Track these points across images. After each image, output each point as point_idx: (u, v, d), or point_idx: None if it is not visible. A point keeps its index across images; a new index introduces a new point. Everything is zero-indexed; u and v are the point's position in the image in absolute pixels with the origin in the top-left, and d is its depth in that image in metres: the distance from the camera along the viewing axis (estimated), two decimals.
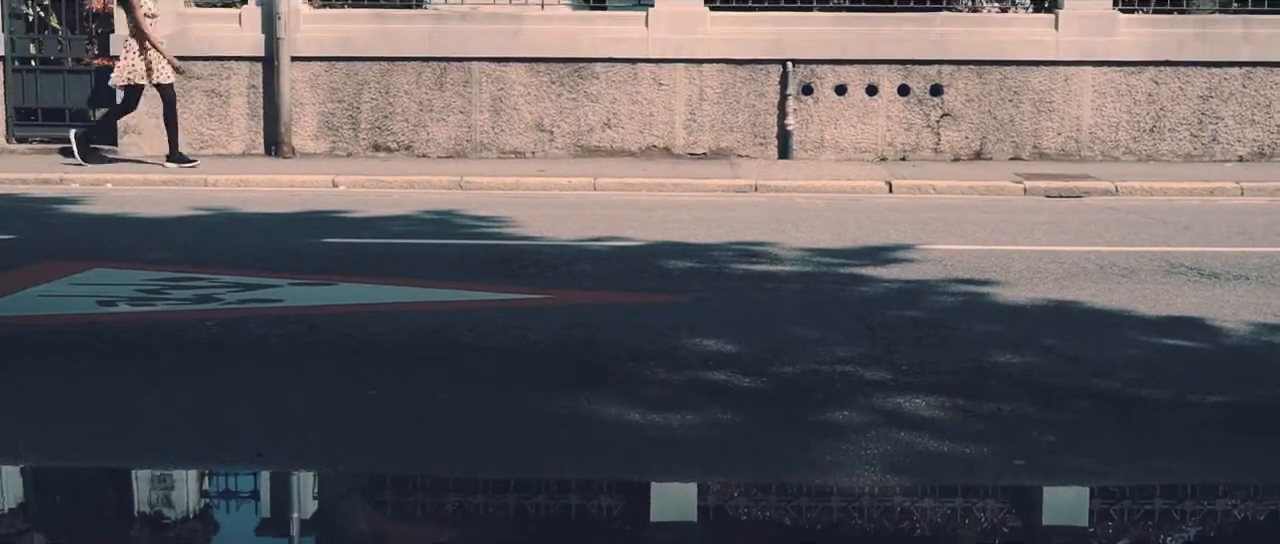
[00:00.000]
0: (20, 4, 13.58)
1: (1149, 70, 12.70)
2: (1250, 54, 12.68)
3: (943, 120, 12.81)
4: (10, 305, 6.45)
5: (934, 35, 12.75)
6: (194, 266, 7.40)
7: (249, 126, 12.99)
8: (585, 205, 10.36)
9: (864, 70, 12.76)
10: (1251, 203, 10.90)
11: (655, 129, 12.82)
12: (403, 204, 10.29)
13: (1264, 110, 12.75)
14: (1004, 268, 7.40)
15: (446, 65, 12.87)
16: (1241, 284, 6.95)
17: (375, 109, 12.93)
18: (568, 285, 6.97)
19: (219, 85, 12.94)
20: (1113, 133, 12.78)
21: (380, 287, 7.04)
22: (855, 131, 12.83)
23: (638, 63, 12.78)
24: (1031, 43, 12.71)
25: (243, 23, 12.90)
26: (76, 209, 10.06)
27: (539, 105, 12.87)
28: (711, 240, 8.43)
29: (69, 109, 13.61)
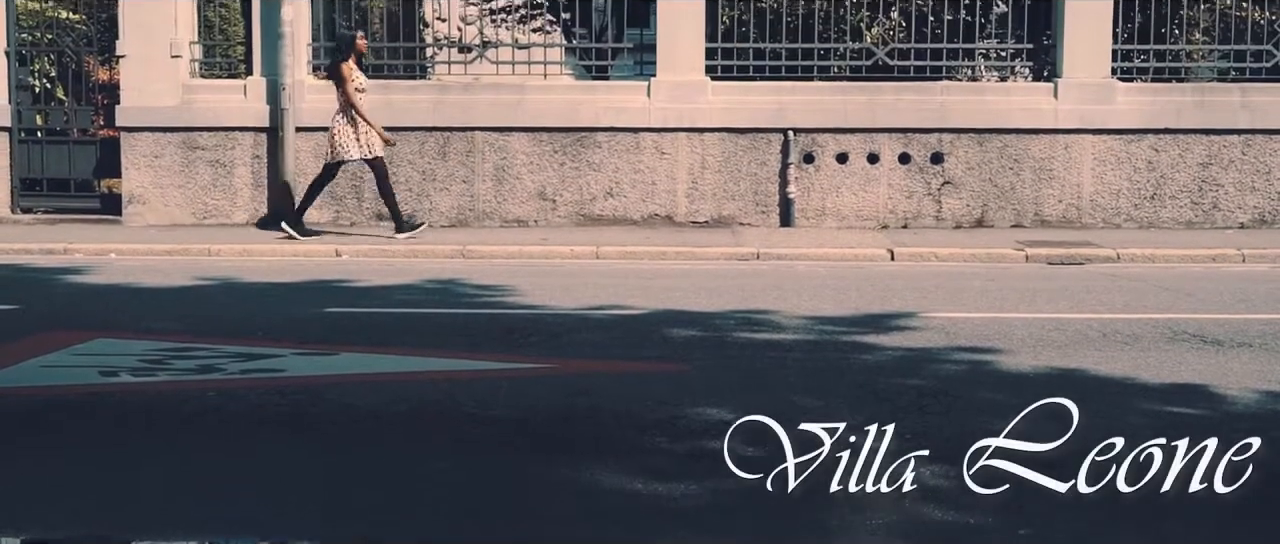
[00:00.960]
0: (27, 75, 13.70)
1: (1148, 138, 12.77)
2: (1248, 122, 12.75)
3: (944, 188, 12.86)
4: (12, 376, 6.45)
5: (934, 104, 12.83)
6: (197, 336, 7.40)
7: (253, 196, 13.04)
8: (588, 274, 10.38)
9: (865, 139, 12.83)
10: (1253, 269, 10.91)
11: (657, 197, 12.87)
12: (405, 273, 10.30)
13: (1264, 177, 12.80)
14: (1007, 335, 7.40)
15: (449, 135, 12.95)
16: (1245, 351, 6.95)
17: None
18: (571, 354, 6.96)
19: (223, 156, 13.01)
20: (1113, 200, 12.82)
21: (383, 356, 7.03)
22: (857, 199, 12.88)
23: (640, 132, 12.86)
24: (1031, 111, 12.78)
25: (248, 94, 13.00)
26: (80, 279, 10.08)
27: (541, 174, 12.93)
28: (714, 308, 8.43)
29: (74, 179, 13.68)
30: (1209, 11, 13.06)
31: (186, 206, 13.04)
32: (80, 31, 14.02)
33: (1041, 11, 13.08)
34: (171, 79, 12.98)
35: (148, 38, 12.92)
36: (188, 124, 12.98)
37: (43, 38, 13.88)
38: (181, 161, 13.02)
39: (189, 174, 13.01)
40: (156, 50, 12.93)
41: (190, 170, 13.00)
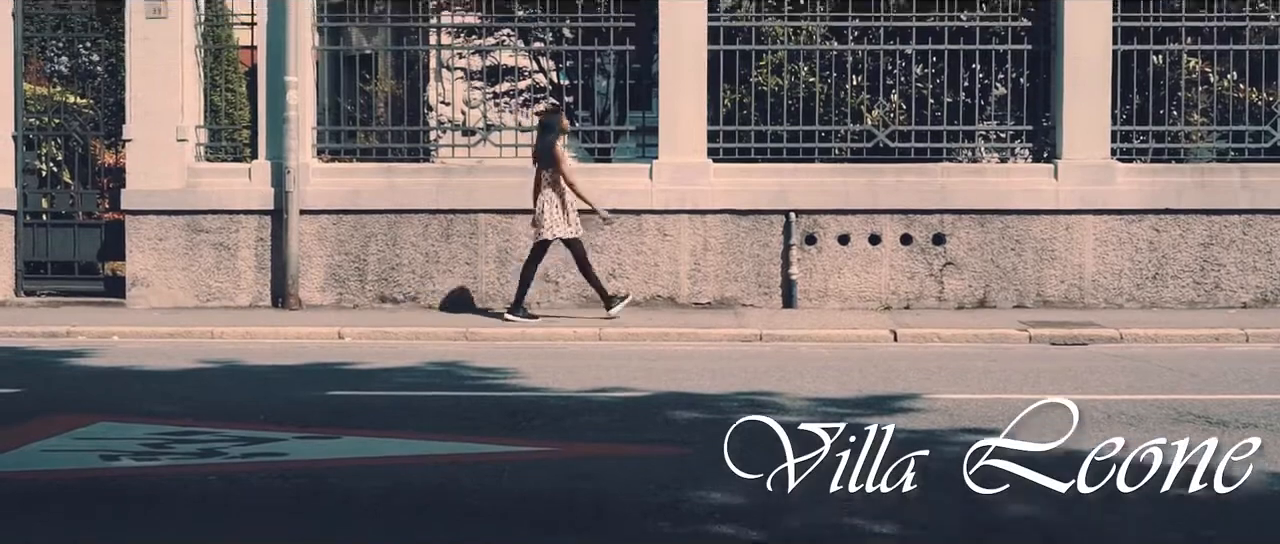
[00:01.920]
0: (34, 159, 13.79)
1: (1149, 218, 12.81)
2: (1249, 202, 12.80)
3: (946, 269, 12.89)
4: (13, 460, 6.43)
5: (935, 185, 12.89)
6: (198, 420, 7.39)
7: (256, 279, 13.08)
8: (591, 356, 10.37)
9: (867, 220, 12.88)
10: (1257, 349, 10.90)
11: (660, 279, 12.89)
12: (408, 356, 10.30)
13: (1265, 257, 12.83)
14: (1011, 417, 7.34)
15: (453, 217, 13.01)
16: (1250, 432, 6.91)
17: (382, 261, 13.03)
18: (573, 437, 6.94)
19: (227, 238, 13.06)
20: (1115, 280, 12.84)
21: (385, 439, 7.01)
22: (859, 280, 12.90)
23: (642, 214, 12.91)
24: (1032, 192, 12.84)
25: (253, 177, 13.08)
26: (82, 362, 10.08)
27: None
28: (717, 391, 8.41)
29: (78, 262, 13.72)
30: (1207, 93, 13.17)
31: (190, 289, 13.07)
32: (87, 116, 14.13)
33: (1040, 93, 13.19)
34: (177, 162, 13.07)
35: (154, 122, 13.03)
36: (192, 207, 13.05)
37: (50, 122, 14.00)
38: (185, 244, 13.07)
39: (193, 257, 13.05)
40: (162, 134, 13.04)
41: (194, 253, 13.05)
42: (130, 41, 13.12)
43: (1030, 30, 13.13)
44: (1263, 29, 13.13)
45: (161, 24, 13.05)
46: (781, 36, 13.15)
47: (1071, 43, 12.85)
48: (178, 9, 13.09)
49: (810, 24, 13.13)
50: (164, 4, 13.03)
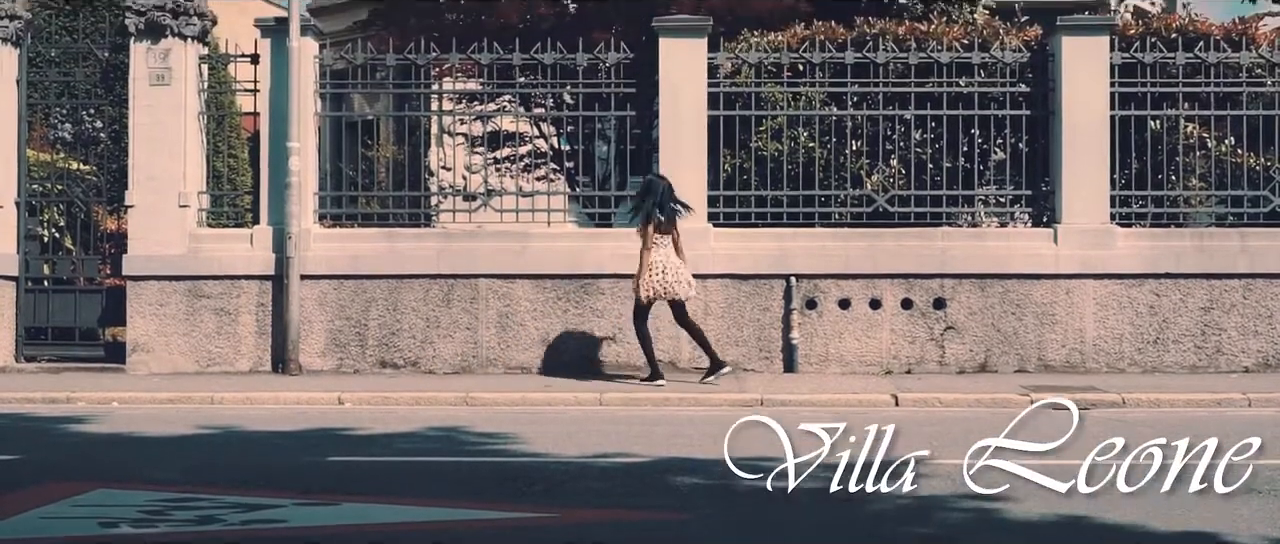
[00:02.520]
0: (36, 225, 13.83)
1: (1149, 282, 12.83)
2: (1248, 266, 12.82)
3: (946, 333, 12.88)
4: (11, 528, 6.39)
5: (935, 250, 12.92)
6: (198, 487, 7.36)
7: (257, 344, 13.07)
8: (591, 421, 10.34)
9: (867, 284, 12.90)
10: (1259, 413, 10.86)
11: (661, 343, 12.85)
12: (409, 421, 10.27)
13: (1266, 321, 12.83)
14: (1015, 481, 7.33)
15: (454, 282, 13.03)
16: (1253, 498, 6.88)
17: (382, 326, 13.03)
18: (574, 503, 6.91)
19: (228, 304, 13.07)
20: (1116, 344, 12.83)
21: (386, 506, 6.98)
22: (860, 345, 12.89)
23: None
24: (1032, 256, 12.87)
25: (254, 243, 13.11)
26: (82, 428, 10.05)
27: (545, 321, 12.97)
28: (718, 455, 8.36)
29: (79, 328, 13.72)
30: (1205, 158, 13.23)
31: (190, 354, 13.06)
32: (90, 182, 14.20)
33: (1039, 158, 13.26)
34: (179, 228, 13.11)
35: (157, 188, 13.09)
36: (194, 272, 13.07)
37: (53, 188, 14.06)
38: (186, 310, 13.08)
39: (193, 322, 13.05)
40: (165, 200, 13.09)
41: (195, 318, 13.06)
42: (134, 108, 13.21)
43: (1028, 96, 13.21)
44: (1259, 95, 13.22)
45: (165, 90, 13.15)
46: (781, 102, 13.23)
47: (1070, 108, 12.93)
48: (181, 75, 13.19)
49: (810, 90, 13.22)
50: (168, 70, 13.14)
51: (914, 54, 13.14)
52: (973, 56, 13.15)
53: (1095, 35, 13.09)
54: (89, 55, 13.94)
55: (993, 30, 13.66)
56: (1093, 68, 12.96)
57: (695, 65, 13.09)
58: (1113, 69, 13.01)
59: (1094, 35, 13.09)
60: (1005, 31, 13.59)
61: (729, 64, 13.30)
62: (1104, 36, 13.08)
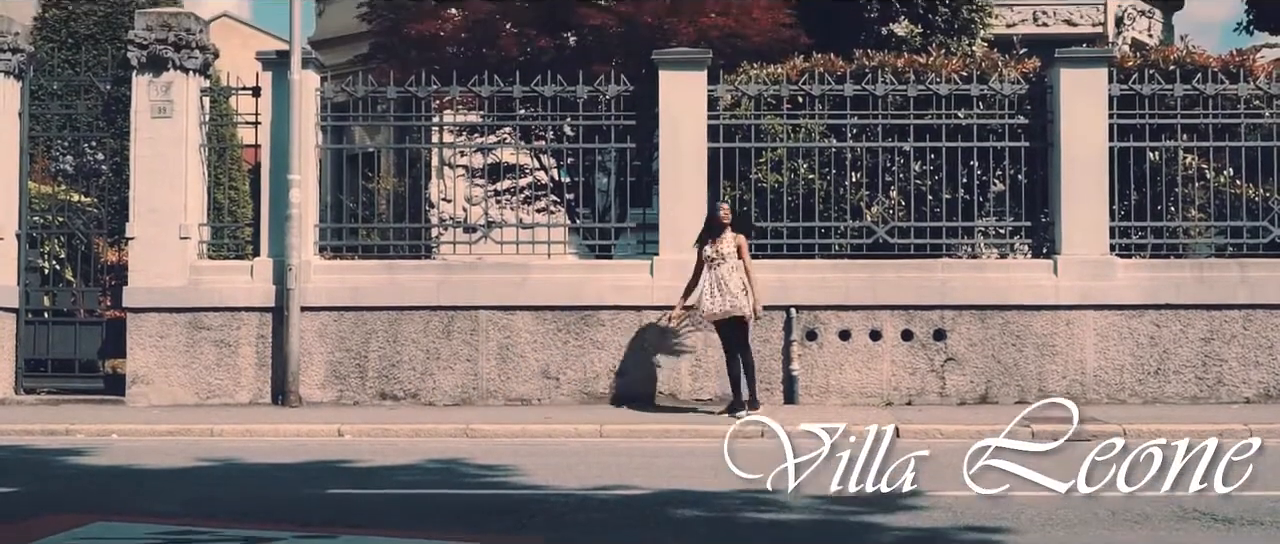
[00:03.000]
0: (37, 257, 13.85)
1: (1150, 313, 12.83)
2: (1248, 297, 12.82)
3: (947, 364, 12.87)
4: None
5: (935, 281, 12.93)
6: (197, 520, 7.34)
7: (257, 376, 13.06)
8: (592, 453, 10.32)
9: (867, 316, 12.89)
10: (1263, 445, 10.81)
11: (661, 375, 12.86)
12: (409, 453, 10.25)
13: (1267, 352, 12.82)
14: (1015, 515, 7.32)
15: (454, 314, 13.02)
16: (1257, 529, 6.87)
17: (382, 358, 13.02)
18: (575, 536, 6.88)
19: (228, 336, 13.07)
20: (1117, 375, 12.81)
21: (385, 539, 6.95)
22: (860, 376, 12.88)
23: (643, 310, 12.93)
24: (1032, 287, 12.87)
25: (254, 275, 13.12)
26: (81, 460, 10.03)
27: (545, 353, 12.96)
28: (720, 488, 8.36)
29: (79, 360, 13.71)
30: (1204, 189, 13.25)
31: (190, 386, 13.05)
32: (91, 214, 14.22)
33: (1038, 190, 13.28)
34: (180, 260, 13.12)
35: (158, 220, 13.11)
36: (194, 304, 13.07)
37: (54, 220, 14.08)
38: (186, 342, 13.08)
39: (193, 354, 13.05)
40: (166, 232, 13.11)
41: (195, 350, 13.05)
42: (136, 140, 13.25)
43: (1027, 128, 13.25)
44: (1257, 126, 13.26)
45: (167, 123, 13.19)
46: (781, 134, 13.27)
47: (1068, 140, 12.96)
48: (183, 108, 13.23)
49: (809, 122, 13.25)
50: (170, 103, 13.18)
51: (913, 86, 13.18)
52: (971, 89, 13.19)
53: (1093, 67, 13.14)
54: (91, 88, 13.99)
55: (991, 63, 13.70)
56: (1091, 99, 13.00)
57: (695, 98, 13.13)
58: (1111, 101, 13.05)
59: (1092, 67, 13.14)
60: (1004, 64, 13.63)
61: (729, 96, 13.35)
62: (1102, 68, 13.13)
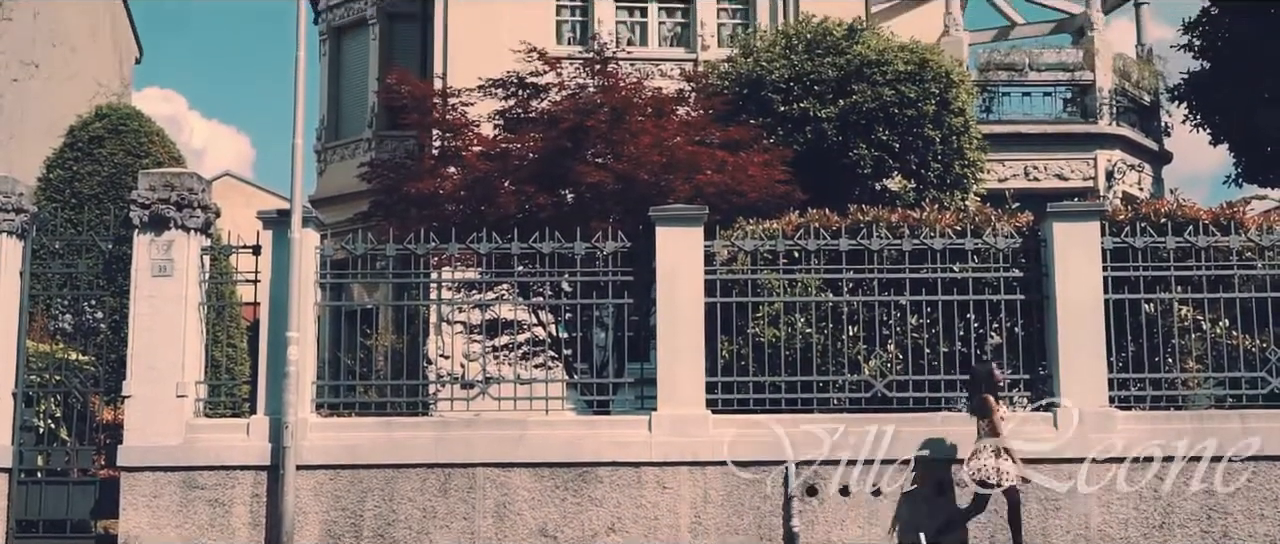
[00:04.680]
0: (32, 416, 13.78)
1: (1152, 466, 12.73)
2: (1251, 448, 12.74)
3: None
4: None
5: (935, 434, 12.85)
6: None
7: (250, 536, 12.88)
8: None
9: (868, 471, 12.79)
10: None
11: (660, 533, 12.71)
12: None
13: (1272, 505, 12.69)
14: None
15: (451, 471, 12.92)
16: None
17: (378, 517, 12.87)
18: None
19: (222, 495, 12.93)
20: (1122, 529, 12.67)
21: None
22: (862, 532, 12.72)
23: (641, 466, 12.83)
24: (1033, 440, 12.75)
25: (251, 433, 13.05)
26: None
27: (542, 510, 12.82)
28: None
29: (71, 520, 13.54)
30: (1201, 340, 13.28)
31: None
32: (88, 372, 14.20)
33: (1035, 342, 13.30)
34: (175, 418, 13.06)
35: (155, 378, 13.08)
36: (189, 463, 12.97)
37: (51, 379, 14.05)
38: (180, 501, 12.94)
39: (186, 513, 12.90)
40: (162, 390, 13.07)
41: (188, 509, 12.90)
42: (135, 298, 13.30)
43: (1022, 281, 13.33)
44: (1251, 277, 13.34)
45: (167, 281, 13.26)
46: (777, 288, 13.34)
47: (1063, 292, 13.04)
48: (183, 267, 13.31)
49: (805, 276, 13.34)
50: (170, 262, 13.27)
51: (908, 240, 13.30)
52: (966, 242, 13.31)
53: (1086, 221, 13.28)
54: (92, 247, 14.09)
55: (985, 217, 13.85)
56: (1085, 252, 13.11)
57: (692, 253, 13.23)
58: (1105, 253, 13.16)
59: (1085, 221, 13.28)
60: (997, 218, 13.78)
61: (725, 251, 13.45)
62: (1095, 222, 13.27)
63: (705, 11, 24.24)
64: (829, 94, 18.99)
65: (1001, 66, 25.81)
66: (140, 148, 18.85)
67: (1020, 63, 25.87)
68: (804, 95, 18.99)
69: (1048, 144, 25.63)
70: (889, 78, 19.06)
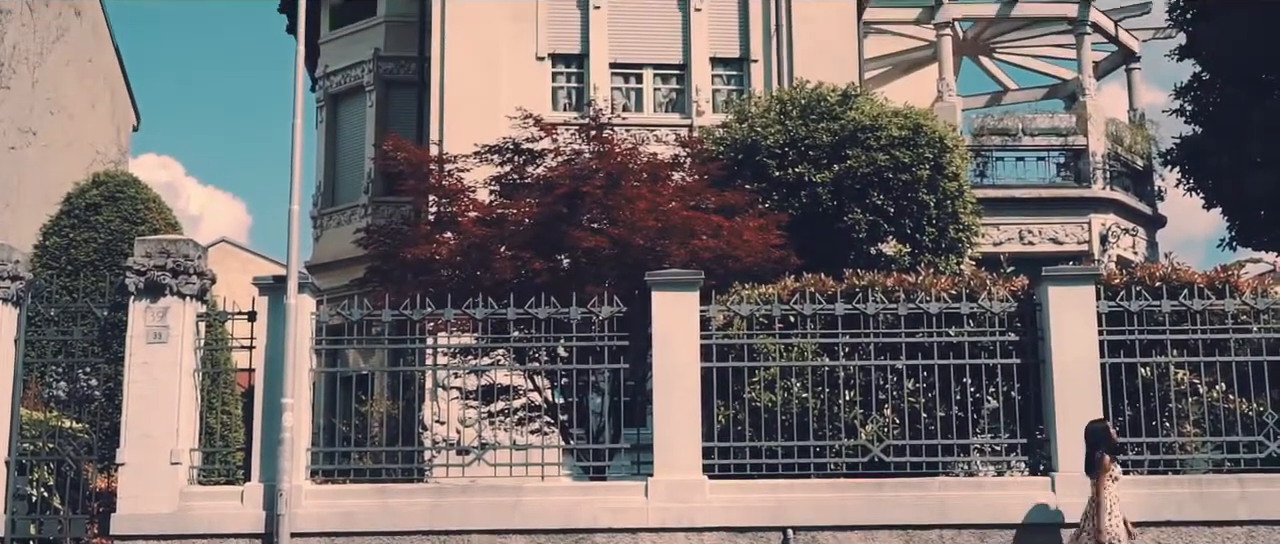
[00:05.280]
0: (25, 484, 13.69)
1: (1151, 530, 12.64)
2: (1249, 513, 12.68)
3: None
4: None
5: (933, 499, 12.80)
6: None
7: None
8: None
9: (866, 536, 12.72)
10: None
11: None
12: None
13: None
14: None
15: (447, 538, 12.82)
16: None
17: None
18: None
19: None
20: None
21: None
22: None
23: (638, 532, 12.75)
24: (1031, 505, 12.73)
25: (245, 500, 12.95)
26: None
27: None
28: None
29: None
30: (1198, 404, 13.26)
31: None
32: (81, 440, 14.14)
33: (1032, 406, 13.28)
34: (169, 486, 12.98)
35: (149, 445, 13.02)
36: (182, 531, 12.86)
37: (44, 447, 13.98)
38: None
39: None
40: (156, 457, 13.00)
41: None
42: (130, 365, 13.26)
43: (1018, 345, 13.33)
44: (1246, 341, 13.34)
45: (162, 348, 13.23)
46: (773, 353, 13.33)
47: (1059, 356, 13.04)
48: (179, 333, 13.29)
49: (802, 341, 13.33)
50: (166, 329, 13.26)
51: (903, 305, 13.31)
52: (962, 307, 13.32)
53: (1081, 285, 13.31)
54: (88, 314, 14.08)
55: (980, 281, 13.87)
56: (1080, 316, 13.12)
57: (687, 318, 13.23)
58: (1100, 317, 13.17)
59: (1080, 285, 13.31)
60: (992, 282, 13.80)
61: (721, 316, 13.46)
62: (1090, 286, 13.30)
63: (700, 78, 24.42)
64: (824, 159, 19.08)
65: (995, 131, 25.99)
66: (137, 215, 18.91)
67: (1013, 128, 26.05)
68: (799, 160, 19.09)
69: (1042, 208, 25.75)
70: (883, 143, 19.17)
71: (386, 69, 27.48)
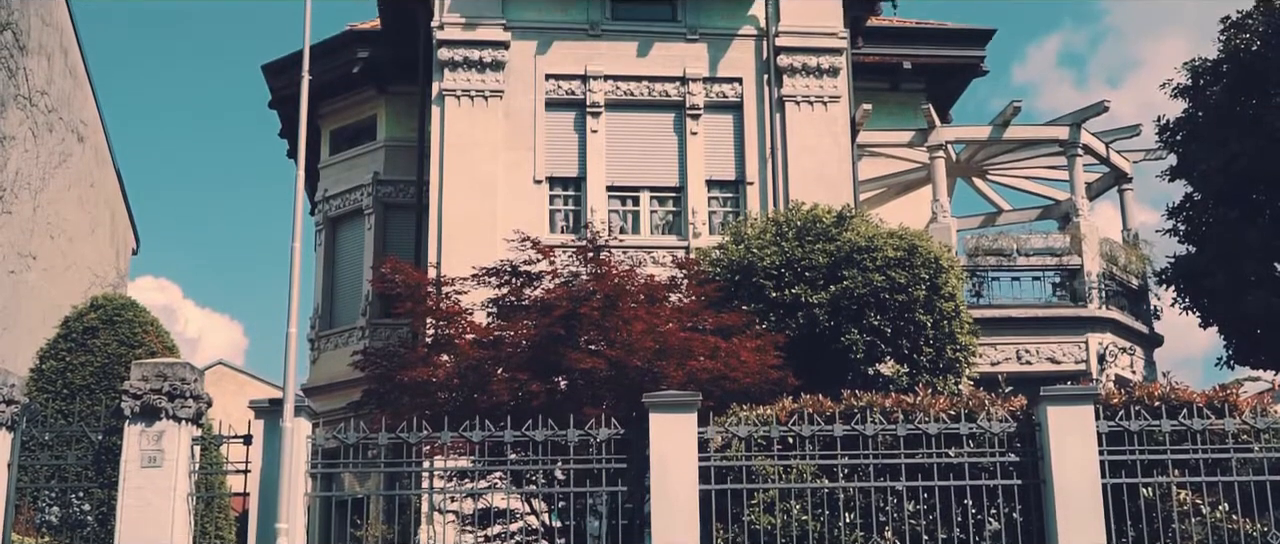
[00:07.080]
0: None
1: None
2: None
3: None
4: None
5: None
6: None
7: None
8: None
9: None
10: None
11: None
12: None
13: None
14: None
15: None
16: None
17: None
18: None
19: None
20: None
21: None
22: None
23: None
24: None
25: None
26: None
27: None
28: None
29: None
30: (1201, 524, 13.13)
31: None
32: None
33: (1034, 527, 13.15)
34: None
35: None
36: None
37: None
38: None
39: None
40: None
41: None
42: (123, 490, 13.14)
43: (1018, 465, 13.24)
44: (1248, 460, 13.26)
45: (156, 472, 13.13)
46: (772, 475, 13.23)
47: (1060, 477, 12.94)
48: (174, 458, 13.20)
49: (800, 463, 13.25)
50: (160, 453, 13.17)
51: (902, 425, 13.25)
52: (961, 427, 13.26)
53: (1080, 404, 13.26)
54: (82, 438, 13.99)
55: (979, 401, 13.83)
56: (1080, 436, 13.05)
57: (685, 440, 13.16)
58: (1100, 437, 13.10)
59: (1079, 404, 13.26)
60: (991, 402, 13.75)
61: (719, 438, 13.38)
62: (1089, 405, 13.25)
63: (696, 200, 24.59)
64: (820, 280, 19.15)
65: (990, 251, 26.10)
66: (134, 338, 18.86)
67: (1008, 248, 26.17)
68: (795, 281, 19.14)
69: (1039, 327, 25.75)
70: (879, 263, 19.25)
71: (385, 192, 27.72)
